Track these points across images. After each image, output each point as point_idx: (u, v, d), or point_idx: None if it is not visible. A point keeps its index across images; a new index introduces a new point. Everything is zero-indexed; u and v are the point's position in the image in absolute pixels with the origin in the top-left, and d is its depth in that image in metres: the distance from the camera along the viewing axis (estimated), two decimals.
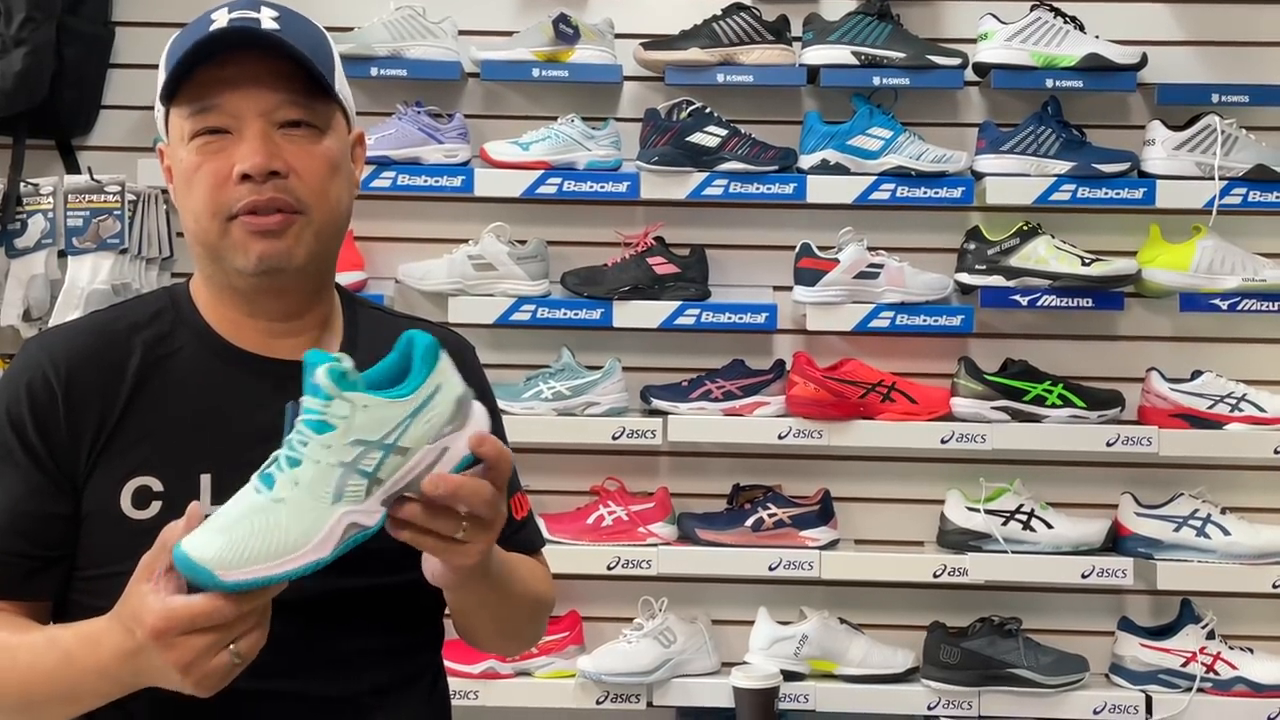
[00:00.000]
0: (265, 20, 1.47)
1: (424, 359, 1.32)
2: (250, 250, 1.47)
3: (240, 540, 1.26)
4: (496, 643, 1.74)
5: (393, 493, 1.31)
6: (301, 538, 1.27)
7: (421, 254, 3.29)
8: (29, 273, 3.16)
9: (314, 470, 1.28)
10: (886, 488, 3.36)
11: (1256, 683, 3.12)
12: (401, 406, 1.30)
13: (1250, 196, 3.18)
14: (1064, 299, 3.18)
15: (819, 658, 3.18)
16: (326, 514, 1.28)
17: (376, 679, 1.53)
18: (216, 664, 1.27)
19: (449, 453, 1.33)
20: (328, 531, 1.28)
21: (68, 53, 3.19)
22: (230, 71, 1.46)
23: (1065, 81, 3.19)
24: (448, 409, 1.32)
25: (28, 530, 1.46)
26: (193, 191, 1.47)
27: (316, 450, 1.28)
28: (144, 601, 1.26)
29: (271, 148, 1.46)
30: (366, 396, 1.29)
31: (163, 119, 1.53)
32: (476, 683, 3.13)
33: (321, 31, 1.55)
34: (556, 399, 3.20)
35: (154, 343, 1.53)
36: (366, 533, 1.30)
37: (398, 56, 3.21)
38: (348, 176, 1.55)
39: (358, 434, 1.28)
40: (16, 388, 1.49)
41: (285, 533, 1.26)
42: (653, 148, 3.20)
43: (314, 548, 1.27)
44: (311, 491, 1.28)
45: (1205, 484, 3.24)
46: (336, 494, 1.28)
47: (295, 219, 1.47)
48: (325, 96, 1.50)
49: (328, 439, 1.28)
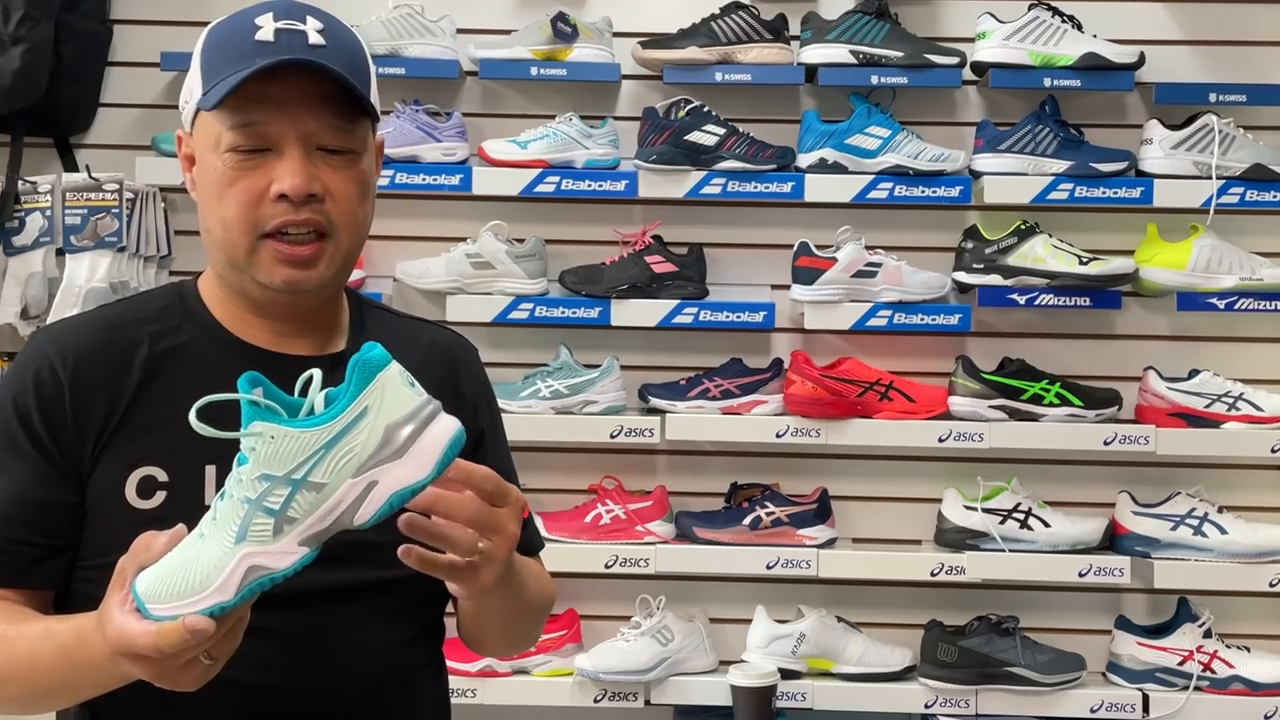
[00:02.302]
0: (311, 33, 1.46)
1: (357, 378, 1.21)
2: (277, 274, 1.48)
3: (167, 574, 1.21)
4: (502, 646, 1.76)
5: (316, 533, 1.21)
6: (207, 578, 1.19)
7: (419, 252, 3.29)
8: (27, 271, 3.16)
9: (228, 506, 1.21)
10: (884, 486, 3.36)
11: (1253, 681, 3.13)
12: (313, 436, 1.19)
13: (1248, 196, 3.19)
14: (1061, 298, 3.18)
15: (816, 656, 3.18)
16: (230, 554, 1.19)
17: (377, 672, 1.53)
18: (186, 671, 1.25)
19: (379, 486, 1.20)
20: (228, 574, 1.19)
21: (66, 50, 3.19)
22: (276, 90, 1.45)
23: (1063, 81, 3.19)
24: (375, 437, 1.19)
25: (32, 519, 1.47)
26: (224, 203, 1.47)
27: (233, 485, 1.22)
28: (109, 613, 1.26)
29: (311, 170, 1.46)
30: (274, 426, 1.19)
31: (191, 112, 1.51)
32: (475, 681, 3.13)
33: (360, 42, 1.54)
34: (554, 397, 3.20)
35: (161, 336, 1.53)
36: (274, 576, 1.21)
37: (396, 55, 3.21)
38: (373, 194, 1.56)
39: (263, 468, 1.20)
40: (24, 379, 1.50)
41: (198, 571, 1.20)
42: (651, 146, 3.20)
43: (216, 590, 1.19)
44: (222, 528, 1.20)
45: (1202, 483, 3.24)
46: (240, 533, 1.19)
47: (326, 245, 1.48)
48: (364, 115, 1.51)
49: (240, 473, 1.21)
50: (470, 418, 1.62)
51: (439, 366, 1.65)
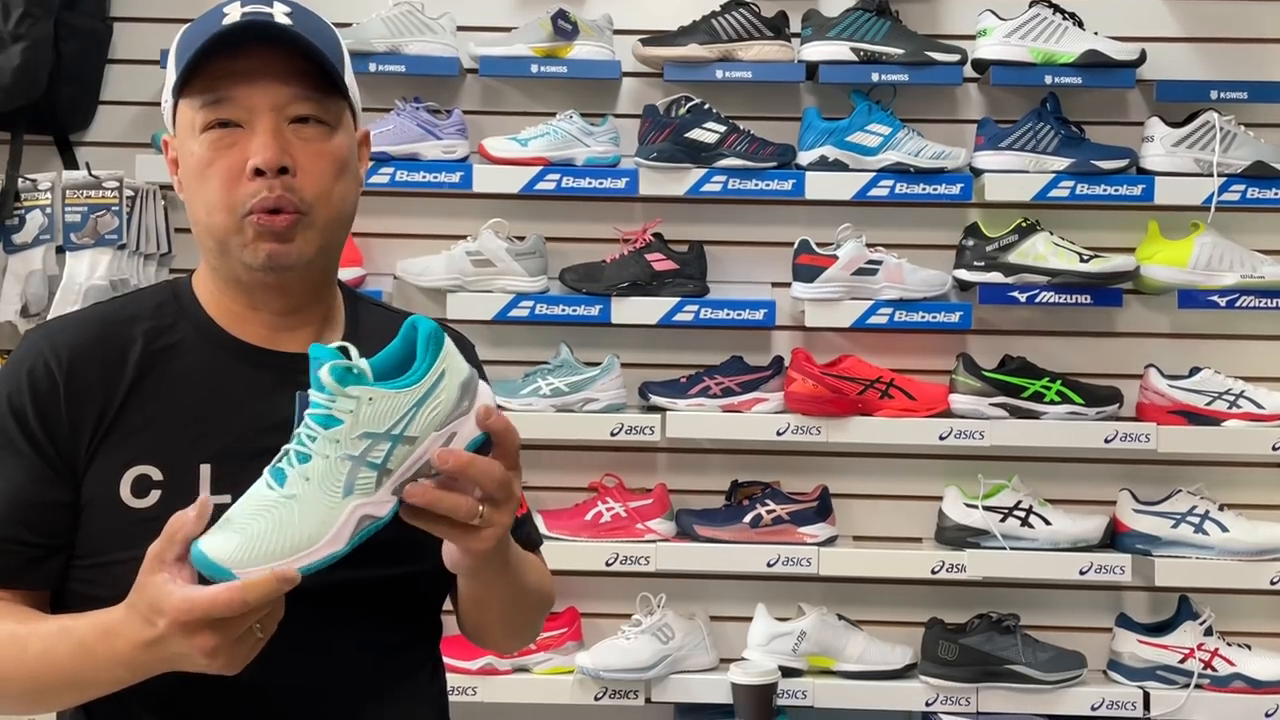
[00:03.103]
0: (278, 15, 1.48)
1: (427, 345, 1.32)
2: (259, 249, 1.48)
3: (256, 537, 1.27)
4: (502, 638, 1.73)
5: (403, 480, 1.32)
6: (316, 532, 1.28)
7: (420, 250, 3.29)
8: (27, 268, 3.16)
9: (324, 465, 1.29)
10: (885, 484, 3.36)
11: (1254, 679, 3.13)
12: (407, 396, 1.30)
13: (1249, 193, 3.18)
14: (1062, 295, 3.18)
15: (817, 654, 3.18)
16: (339, 507, 1.29)
17: (375, 671, 1.53)
18: (241, 645, 1.28)
19: (457, 437, 1.33)
20: (341, 524, 1.29)
21: (66, 48, 3.19)
22: (243, 64, 1.46)
23: (1064, 78, 3.19)
24: (454, 394, 1.32)
25: (28, 518, 1.46)
26: (205, 185, 1.48)
27: (325, 445, 1.29)
28: (163, 591, 1.27)
29: (282, 142, 1.47)
30: (371, 389, 1.29)
31: (170, 110, 1.53)
32: (475, 679, 3.13)
33: (332, 28, 1.56)
34: (555, 395, 3.20)
35: (156, 334, 1.53)
36: (379, 523, 1.32)
37: (396, 52, 3.21)
38: (354, 175, 1.56)
39: (365, 427, 1.29)
40: (18, 376, 1.50)
41: (299, 528, 1.28)
42: (651, 144, 3.20)
43: (329, 541, 1.29)
44: (322, 486, 1.29)
45: (1203, 480, 3.24)
46: (347, 488, 1.29)
47: (299, 219, 1.48)
48: (336, 93, 1.51)
49: (335, 433, 1.29)
50: None
51: None
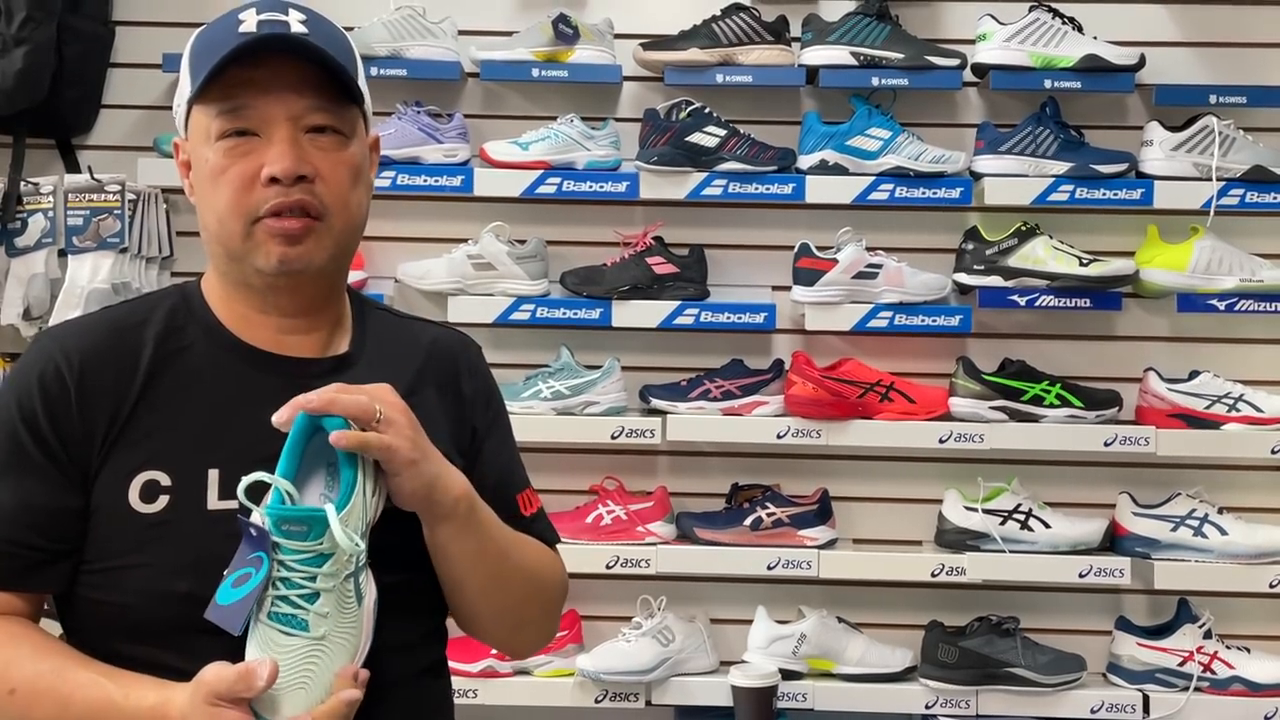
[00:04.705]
0: (294, 24, 1.48)
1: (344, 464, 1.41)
2: (272, 253, 1.49)
3: (316, 684, 1.37)
4: (492, 627, 1.66)
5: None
6: (355, 647, 1.41)
7: (421, 253, 3.29)
8: (29, 272, 3.16)
9: (334, 594, 1.38)
10: (885, 487, 3.36)
11: (1253, 682, 3.13)
12: (352, 509, 1.39)
13: (1248, 197, 3.19)
14: (1062, 299, 3.19)
15: (817, 657, 3.18)
16: (359, 612, 1.41)
17: (381, 672, 1.53)
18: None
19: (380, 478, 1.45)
20: (366, 621, 1.42)
21: (68, 52, 3.19)
22: (261, 74, 1.47)
23: (1063, 82, 3.19)
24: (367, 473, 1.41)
25: (37, 523, 1.47)
26: (218, 191, 1.49)
27: (325, 579, 1.38)
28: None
29: (300, 152, 1.48)
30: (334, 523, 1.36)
31: (184, 115, 1.54)
32: (476, 681, 3.13)
33: (346, 36, 1.57)
34: (555, 398, 3.20)
35: (165, 338, 1.53)
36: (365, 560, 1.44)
37: (397, 56, 3.22)
38: (367, 182, 1.58)
39: (344, 548, 1.38)
40: (29, 380, 1.49)
41: (341, 656, 1.39)
42: (652, 148, 3.21)
43: (365, 642, 1.43)
44: (339, 608, 1.39)
45: (1203, 484, 3.24)
46: (358, 594, 1.41)
47: (316, 224, 1.49)
48: (351, 102, 1.53)
49: (329, 566, 1.38)
50: (468, 416, 1.65)
51: (441, 367, 1.66)
